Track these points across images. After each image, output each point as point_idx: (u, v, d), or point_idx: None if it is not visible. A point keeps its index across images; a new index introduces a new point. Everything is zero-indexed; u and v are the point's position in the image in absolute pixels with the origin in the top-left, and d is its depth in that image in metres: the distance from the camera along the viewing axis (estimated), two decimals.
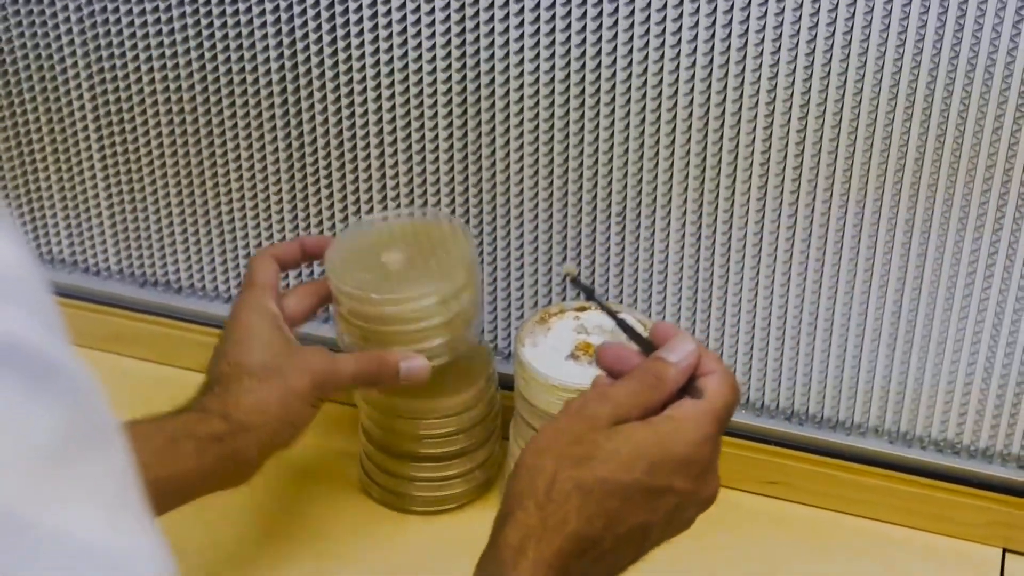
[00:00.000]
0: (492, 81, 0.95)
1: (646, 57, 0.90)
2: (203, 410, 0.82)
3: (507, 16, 0.92)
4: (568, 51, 0.92)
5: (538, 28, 0.92)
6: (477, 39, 0.94)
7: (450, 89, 0.97)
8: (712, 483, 0.71)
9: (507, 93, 0.95)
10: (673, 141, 0.93)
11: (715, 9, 0.87)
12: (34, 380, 0.38)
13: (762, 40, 0.87)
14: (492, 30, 0.93)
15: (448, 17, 0.94)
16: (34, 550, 0.38)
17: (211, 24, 1.01)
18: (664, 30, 0.89)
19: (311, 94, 1.01)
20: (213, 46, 1.02)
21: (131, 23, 1.03)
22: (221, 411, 0.82)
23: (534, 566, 0.65)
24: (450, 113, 0.98)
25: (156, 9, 1.02)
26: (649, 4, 0.88)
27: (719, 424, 0.71)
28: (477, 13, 0.93)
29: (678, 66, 0.90)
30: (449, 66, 0.96)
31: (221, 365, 0.85)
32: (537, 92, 0.94)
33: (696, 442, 0.69)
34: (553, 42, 0.92)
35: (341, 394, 0.91)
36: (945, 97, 0.85)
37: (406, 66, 0.97)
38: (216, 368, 0.86)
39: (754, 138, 0.91)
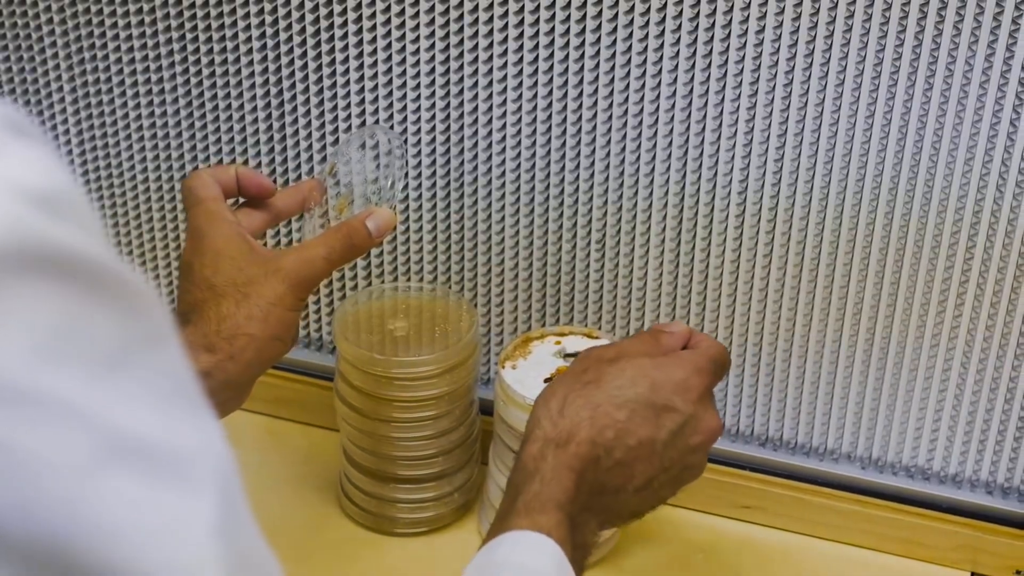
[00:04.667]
0: (475, 109, 0.97)
1: (627, 87, 0.92)
2: (185, 346, 0.79)
3: (491, 46, 0.94)
4: (551, 79, 0.94)
5: (522, 45, 0.94)
6: (461, 68, 0.96)
7: (433, 117, 0.98)
8: (712, 415, 0.77)
9: (490, 121, 0.97)
10: (653, 169, 0.95)
11: (695, 39, 0.89)
12: (90, 288, 0.40)
13: (741, 70, 0.89)
14: (476, 59, 0.95)
15: (433, 48, 0.96)
16: (89, 443, 0.39)
17: (197, 49, 1.02)
18: (645, 58, 0.91)
19: (296, 120, 1.02)
20: (199, 71, 1.03)
21: (115, 36, 1.04)
22: (204, 344, 0.79)
23: (554, 468, 0.72)
24: (433, 140, 0.99)
25: (142, 23, 1.03)
26: (632, 22, 0.90)
27: (711, 363, 0.78)
28: (461, 49, 0.95)
29: (658, 96, 0.92)
30: (433, 93, 0.97)
31: (193, 292, 0.81)
32: (519, 120, 0.96)
33: (692, 370, 0.77)
34: (536, 58, 0.94)
35: (320, 282, 0.85)
36: (916, 141, 0.87)
37: (390, 93, 0.99)
38: (188, 295, 0.81)
39: (732, 165, 0.93)
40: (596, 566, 0.97)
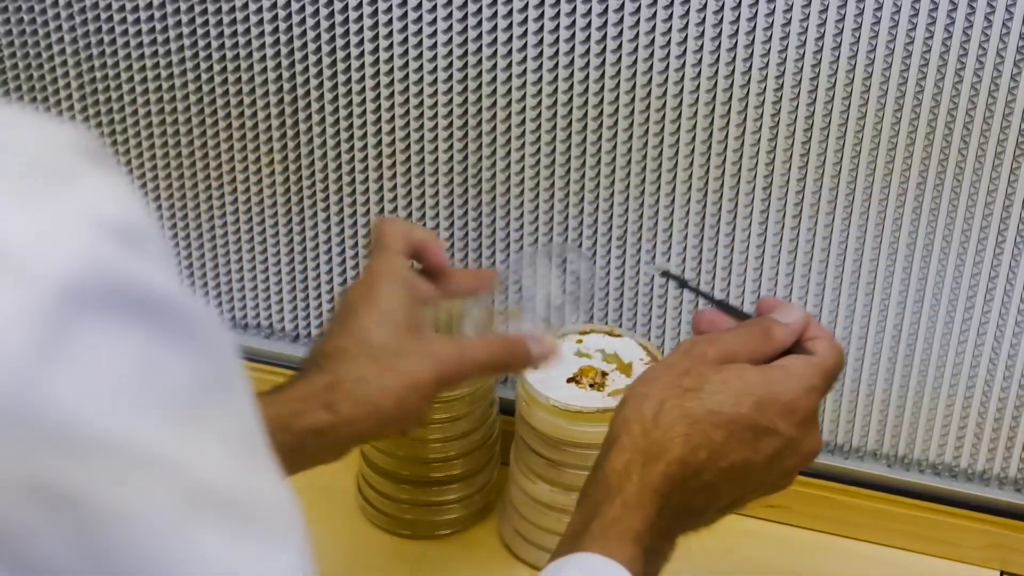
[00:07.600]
0: (494, 104, 0.95)
1: (649, 80, 0.91)
2: (305, 399, 0.73)
3: (510, 40, 0.92)
4: (571, 73, 0.92)
5: (541, 39, 0.92)
6: (480, 63, 0.94)
7: (451, 113, 0.97)
8: (815, 437, 0.70)
9: (508, 117, 0.95)
10: (676, 164, 0.93)
11: (719, 33, 0.88)
12: (167, 328, 0.39)
13: (766, 65, 0.88)
14: (495, 52, 0.93)
15: (450, 35, 0.94)
16: (172, 493, 0.38)
17: (208, 45, 1.01)
18: (667, 64, 0.89)
19: (310, 128, 1.01)
20: (210, 67, 1.02)
21: (124, 32, 1.03)
22: (325, 399, 0.73)
23: (639, 489, 0.66)
24: (450, 136, 0.98)
25: (151, 18, 1.01)
26: (654, 21, 0.89)
27: (825, 380, 0.71)
28: (480, 43, 0.93)
29: (681, 89, 0.90)
30: (451, 89, 0.96)
31: (343, 337, 0.76)
32: (539, 115, 0.95)
33: (803, 389, 0.69)
34: (556, 63, 0.92)
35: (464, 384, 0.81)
36: (948, 122, 0.86)
37: (406, 88, 0.97)
38: (336, 339, 0.76)
39: (757, 161, 0.91)
40: None
